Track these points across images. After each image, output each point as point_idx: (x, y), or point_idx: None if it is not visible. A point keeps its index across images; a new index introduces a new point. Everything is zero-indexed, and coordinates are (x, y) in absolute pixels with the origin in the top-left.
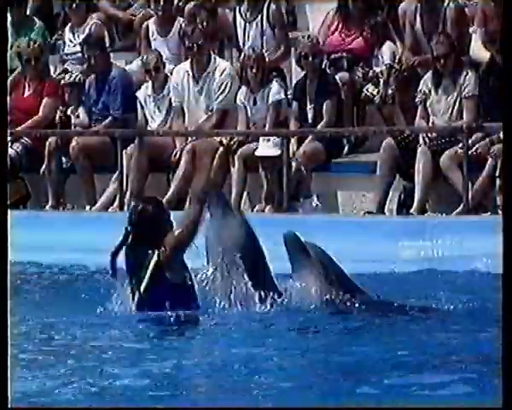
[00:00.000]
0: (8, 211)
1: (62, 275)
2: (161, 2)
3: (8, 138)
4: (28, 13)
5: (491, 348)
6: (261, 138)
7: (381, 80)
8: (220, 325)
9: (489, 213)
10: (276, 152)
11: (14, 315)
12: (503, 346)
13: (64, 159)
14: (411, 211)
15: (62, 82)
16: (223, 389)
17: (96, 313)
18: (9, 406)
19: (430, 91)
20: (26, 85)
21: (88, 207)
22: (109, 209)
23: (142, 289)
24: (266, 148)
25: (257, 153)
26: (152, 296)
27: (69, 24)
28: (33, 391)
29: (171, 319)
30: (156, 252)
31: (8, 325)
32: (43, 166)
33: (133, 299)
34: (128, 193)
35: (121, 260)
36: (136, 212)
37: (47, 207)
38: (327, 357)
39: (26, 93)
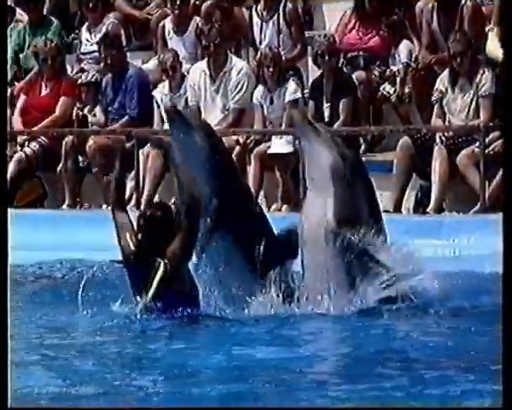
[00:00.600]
0: (11, 210)
1: (77, 274)
2: (178, 2)
3: (25, 137)
4: (45, 12)
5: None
6: (273, 136)
7: (398, 79)
8: None
9: None
10: (288, 149)
11: (26, 314)
12: (503, 346)
13: (81, 158)
14: (428, 210)
15: (79, 81)
16: None
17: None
18: (9, 406)
19: (447, 90)
20: (43, 85)
21: (104, 206)
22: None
23: (148, 297)
24: (279, 145)
25: (269, 151)
26: (158, 304)
27: (86, 23)
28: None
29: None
30: (163, 262)
31: (9, 325)
32: (60, 166)
33: (136, 304)
34: (144, 192)
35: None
36: (144, 217)
37: (63, 206)
38: None
39: (43, 92)
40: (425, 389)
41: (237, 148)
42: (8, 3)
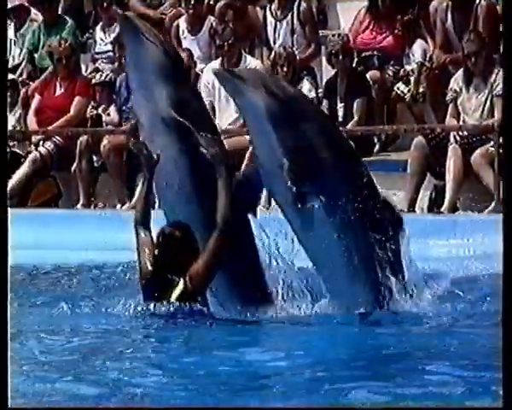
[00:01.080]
0: (9, 209)
1: (95, 274)
2: (192, 1)
3: (40, 137)
4: (60, 12)
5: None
6: None
7: (412, 78)
8: None
9: None
10: None
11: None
12: (503, 346)
13: (95, 157)
14: (442, 209)
15: (93, 81)
16: None
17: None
18: (9, 406)
19: (461, 89)
20: (58, 85)
21: (119, 206)
22: None
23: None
24: None
25: None
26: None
27: (100, 23)
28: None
29: None
30: (182, 280)
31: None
32: (75, 165)
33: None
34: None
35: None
36: (163, 236)
37: (78, 205)
38: None
39: (58, 92)
40: None
41: (251, 148)
42: (23, 3)
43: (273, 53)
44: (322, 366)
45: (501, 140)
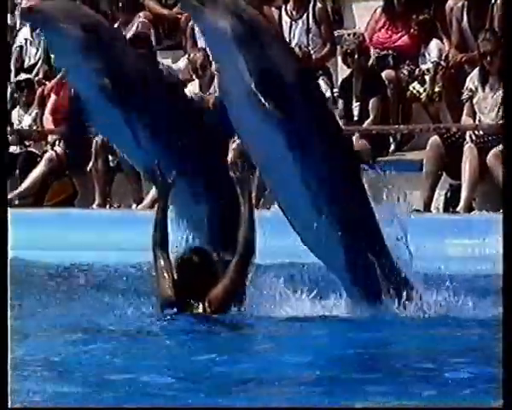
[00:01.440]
0: (8, 209)
1: (111, 273)
2: None
3: (56, 137)
4: None
5: None
6: None
7: (428, 78)
8: None
9: None
10: None
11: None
12: (503, 346)
13: (111, 157)
14: (458, 209)
15: None
16: None
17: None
18: (9, 406)
19: (477, 89)
20: None
21: (134, 206)
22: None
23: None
24: None
25: None
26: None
27: (116, 23)
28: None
29: None
30: (201, 304)
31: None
32: (90, 165)
33: None
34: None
35: None
36: (181, 261)
37: (94, 205)
38: None
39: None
40: None
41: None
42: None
43: None
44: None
45: None
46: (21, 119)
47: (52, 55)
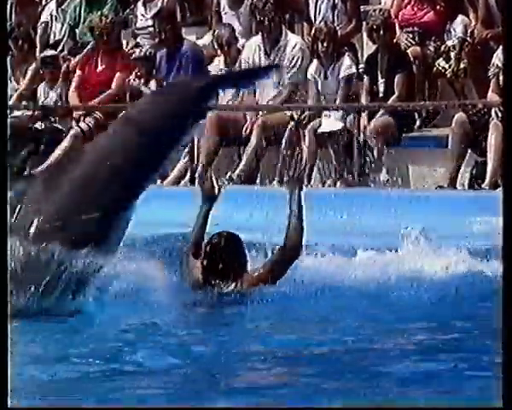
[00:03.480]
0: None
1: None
2: None
3: (80, 113)
4: None
5: None
6: (323, 115)
7: (453, 54)
8: None
9: None
10: (338, 126)
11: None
12: (503, 346)
13: None
14: (483, 185)
15: (133, 56)
16: None
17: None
18: (9, 405)
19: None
20: (99, 60)
21: (159, 182)
22: (181, 183)
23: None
24: (328, 124)
25: (320, 130)
26: None
27: None
28: None
29: None
30: (233, 283)
31: None
32: None
33: None
34: (199, 168)
35: None
36: (210, 245)
37: None
38: None
39: (99, 68)
40: None
41: (291, 123)
42: None
43: (314, 29)
44: None
45: None
46: (46, 95)
47: (77, 31)
